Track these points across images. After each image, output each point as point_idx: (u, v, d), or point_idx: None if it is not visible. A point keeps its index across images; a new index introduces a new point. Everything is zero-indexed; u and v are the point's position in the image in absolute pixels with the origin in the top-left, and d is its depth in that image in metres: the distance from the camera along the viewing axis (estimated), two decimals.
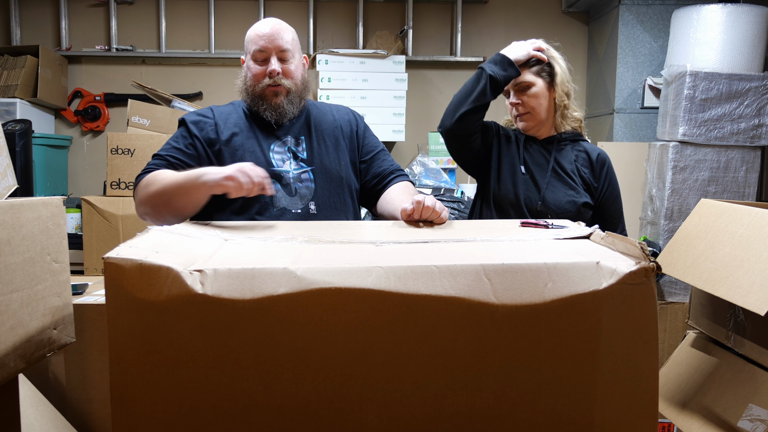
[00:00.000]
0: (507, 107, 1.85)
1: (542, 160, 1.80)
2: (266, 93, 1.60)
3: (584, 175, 1.80)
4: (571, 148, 1.83)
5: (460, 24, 3.77)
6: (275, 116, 1.61)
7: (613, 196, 1.83)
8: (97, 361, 1.56)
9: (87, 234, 2.85)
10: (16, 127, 2.67)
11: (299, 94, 1.64)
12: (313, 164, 1.63)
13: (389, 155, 1.77)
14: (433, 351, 0.88)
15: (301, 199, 1.60)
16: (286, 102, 1.61)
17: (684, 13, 2.91)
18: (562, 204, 1.74)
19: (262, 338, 0.86)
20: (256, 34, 1.61)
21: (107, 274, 0.88)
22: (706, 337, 1.63)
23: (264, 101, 1.61)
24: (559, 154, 1.81)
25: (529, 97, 1.77)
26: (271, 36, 1.59)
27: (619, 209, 1.85)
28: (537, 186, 1.77)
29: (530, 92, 1.77)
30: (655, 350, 0.90)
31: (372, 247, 1.02)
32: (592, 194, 1.80)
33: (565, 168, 1.79)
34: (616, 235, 1.02)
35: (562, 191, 1.76)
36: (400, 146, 3.75)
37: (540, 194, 1.76)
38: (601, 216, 1.82)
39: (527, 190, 1.77)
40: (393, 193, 1.64)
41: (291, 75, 1.62)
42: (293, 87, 1.62)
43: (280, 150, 1.62)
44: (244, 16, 3.77)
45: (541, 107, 1.78)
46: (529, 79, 1.77)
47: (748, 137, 2.81)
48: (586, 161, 1.81)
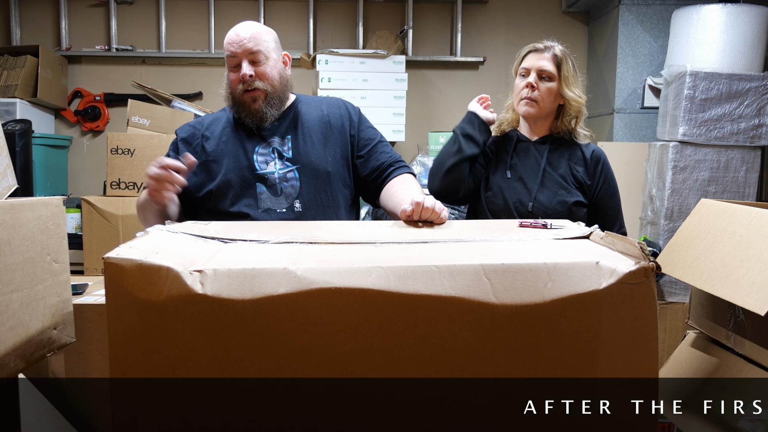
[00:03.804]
0: (516, 89, 1.82)
1: (534, 162, 1.80)
2: (245, 99, 1.61)
3: (577, 173, 1.78)
4: (566, 147, 1.82)
5: (460, 24, 3.77)
6: (255, 121, 1.62)
7: (610, 192, 1.82)
8: (97, 361, 1.56)
9: (87, 234, 2.85)
10: (16, 127, 2.67)
11: (278, 95, 1.63)
12: (299, 162, 1.62)
13: (388, 146, 1.75)
14: (433, 351, 0.88)
15: (287, 199, 1.59)
16: (264, 106, 1.60)
17: (684, 13, 2.91)
18: (553, 205, 1.74)
19: (262, 338, 0.86)
20: (227, 41, 1.62)
21: (107, 274, 0.88)
22: (706, 337, 1.63)
23: (244, 108, 1.62)
24: (552, 155, 1.80)
25: (545, 87, 1.76)
26: (239, 41, 1.59)
27: (616, 206, 1.84)
28: (528, 189, 1.77)
29: (549, 85, 1.76)
30: (655, 350, 0.90)
31: (372, 247, 1.02)
32: (585, 192, 1.79)
33: (557, 168, 1.78)
34: (616, 235, 1.02)
35: (552, 192, 1.76)
36: (400, 146, 3.75)
37: (531, 196, 1.75)
38: (597, 213, 1.81)
39: (517, 194, 1.77)
40: (394, 188, 1.64)
41: (266, 77, 1.60)
42: (270, 89, 1.61)
43: (264, 152, 1.62)
44: (244, 16, 3.74)
45: (550, 102, 1.78)
46: (553, 72, 1.76)
47: (748, 137, 2.81)
48: (580, 159, 1.80)
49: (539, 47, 1.79)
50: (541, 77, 1.76)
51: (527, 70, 1.78)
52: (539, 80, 1.76)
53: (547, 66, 1.75)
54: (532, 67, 1.77)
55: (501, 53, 3.82)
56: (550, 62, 1.76)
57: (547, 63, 1.76)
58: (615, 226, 1.81)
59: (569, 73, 1.76)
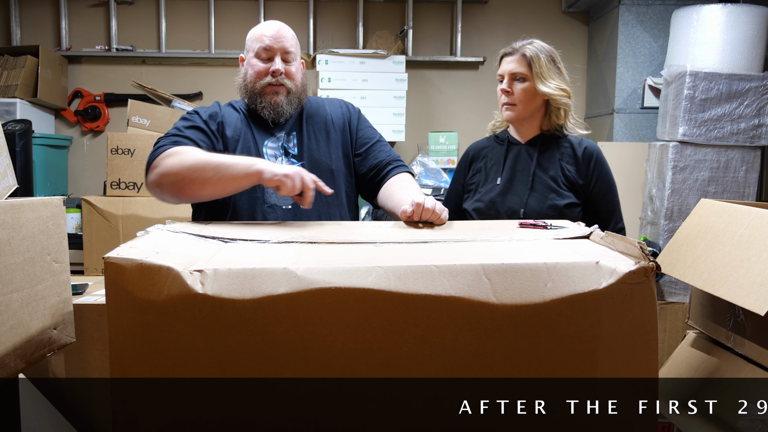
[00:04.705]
0: (497, 94, 1.82)
1: (525, 166, 1.80)
2: (266, 91, 1.62)
3: (569, 173, 1.77)
4: (557, 146, 1.81)
5: (460, 24, 3.77)
6: (273, 115, 1.63)
7: (605, 189, 1.79)
8: (97, 361, 1.56)
9: (87, 234, 2.85)
10: (16, 127, 2.67)
11: (298, 96, 1.67)
12: (304, 159, 1.64)
13: (387, 146, 1.76)
14: (433, 351, 0.88)
15: None
16: (285, 102, 1.63)
17: (684, 13, 2.91)
18: (543, 209, 1.73)
19: (262, 338, 0.86)
20: (263, 33, 1.63)
21: (107, 274, 0.88)
22: (706, 337, 1.63)
23: (263, 99, 1.63)
24: (543, 156, 1.79)
25: (519, 89, 1.76)
26: (277, 37, 1.62)
27: (611, 202, 1.81)
28: (518, 195, 1.77)
29: (523, 85, 1.76)
30: (655, 350, 0.90)
31: (372, 247, 1.02)
32: (577, 192, 1.77)
33: (548, 170, 1.78)
34: (616, 235, 1.02)
35: (542, 196, 1.75)
36: (400, 146, 3.75)
37: (522, 202, 1.75)
38: (593, 209, 1.79)
39: (508, 201, 1.77)
40: (393, 187, 1.64)
41: (292, 76, 1.64)
42: (294, 88, 1.64)
43: (273, 146, 1.64)
44: (244, 16, 3.77)
45: (529, 102, 1.77)
46: (525, 72, 1.76)
47: (748, 137, 2.81)
48: (571, 158, 1.78)
49: (509, 50, 1.80)
50: (515, 79, 1.77)
51: (501, 75, 1.80)
52: (514, 82, 1.77)
53: (517, 68, 1.76)
54: (505, 71, 1.79)
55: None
56: (519, 63, 1.76)
57: (517, 65, 1.76)
58: (611, 223, 1.80)
59: (542, 69, 1.75)
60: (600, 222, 1.73)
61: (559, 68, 1.79)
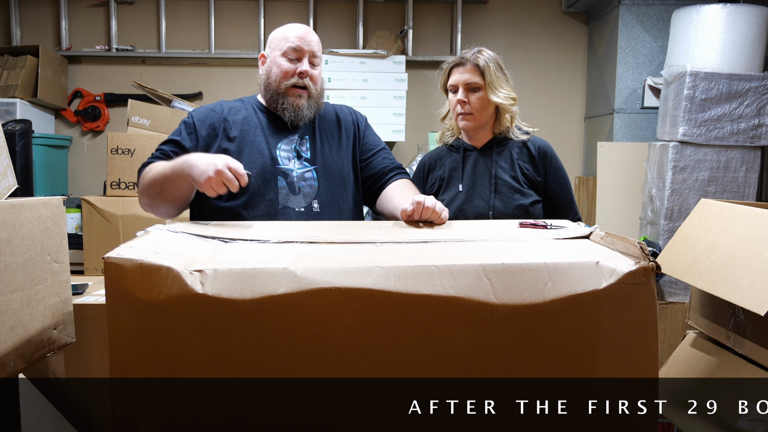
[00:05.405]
0: (450, 104, 1.84)
1: (484, 170, 1.81)
2: (290, 92, 1.63)
3: (527, 172, 1.80)
4: (511, 146, 1.83)
5: (460, 24, 3.77)
6: (293, 117, 1.63)
7: (560, 184, 1.83)
8: (97, 361, 1.56)
9: (87, 234, 2.85)
10: (16, 127, 2.67)
11: (317, 101, 1.68)
12: (317, 163, 1.64)
13: (390, 153, 1.78)
14: (433, 351, 0.88)
15: (305, 198, 1.61)
16: (306, 105, 1.64)
17: (684, 13, 2.91)
18: (510, 211, 1.75)
19: (262, 338, 0.86)
20: (293, 34, 1.64)
21: (107, 274, 0.88)
22: (706, 337, 1.63)
23: (285, 100, 1.63)
24: (500, 157, 1.82)
25: (475, 98, 1.78)
26: (307, 39, 1.64)
27: (567, 195, 1.85)
28: (483, 199, 1.78)
29: (479, 94, 1.78)
30: (655, 350, 0.90)
31: (372, 247, 1.02)
32: (537, 189, 1.81)
33: (507, 171, 1.80)
34: (616, 235, 1.02)
35: (507, 197, 1.77)
36: (400, 146, 3.75)
37: (489, 206, 1.77)
38: (551, 205, 1.83)
39: (474, 207, 1.78)
40: (392, 191, 1.65)
41: (316, 81, 1.66)
42: (315, 93, 1.65)
43: (287, 148, 1.64)
44: (244, 16, 3.77)
45: (485, 110, 1.79)
46: (479, 82, 1.77)
47: (748, 137, 2.81)
48: (526, 156, 1.82)
49: (459, 61, 1.81)
50: (470, 89, 1.78)
51: (454, 86, 1.81)
52: (469, 93, 1.79)
53: (471, 78, 1.77)
54: (458, 82, 1.80)
55: (501, 53, 3.77)
56: (472, 73, 1.78)
57: (470, 75, 1.78)
58: (569, 216, 1.82)
59: (493, 78, 1.78)
60: (558, 216, 1.76)
61: (506, 75, 1.83)
